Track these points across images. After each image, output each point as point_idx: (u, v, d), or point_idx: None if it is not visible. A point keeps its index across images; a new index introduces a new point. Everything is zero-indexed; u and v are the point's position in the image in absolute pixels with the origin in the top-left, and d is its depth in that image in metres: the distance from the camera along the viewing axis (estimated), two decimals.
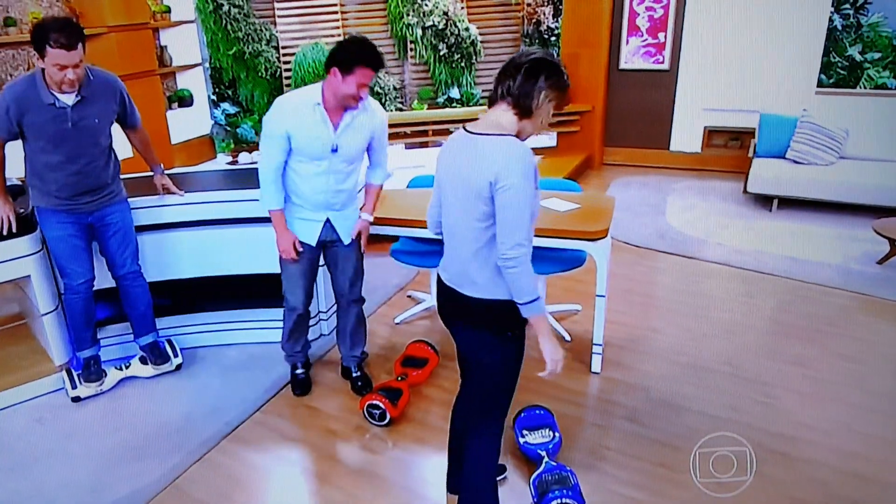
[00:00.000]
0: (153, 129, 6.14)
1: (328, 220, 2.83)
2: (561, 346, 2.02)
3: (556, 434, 2.67)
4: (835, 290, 4.05)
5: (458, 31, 7.21)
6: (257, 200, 2.86)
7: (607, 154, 7.10)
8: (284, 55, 7.11)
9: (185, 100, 6.69)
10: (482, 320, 1.99)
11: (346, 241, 2.90)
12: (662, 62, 6.63)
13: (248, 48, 6.92)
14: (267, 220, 2.89)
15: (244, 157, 6.67)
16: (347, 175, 2.78)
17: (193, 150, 6.75)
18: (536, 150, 6.94)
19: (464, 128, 1.96)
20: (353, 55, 2.46)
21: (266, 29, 7.01)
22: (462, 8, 7.27)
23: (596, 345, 3.24)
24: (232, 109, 7.03)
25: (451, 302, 2.06)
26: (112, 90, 2.91)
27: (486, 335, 2.00)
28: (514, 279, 1.84)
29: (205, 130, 6.91)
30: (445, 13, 7.12)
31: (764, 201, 5.50)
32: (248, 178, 3.63)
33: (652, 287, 4.26)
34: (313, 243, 2.86)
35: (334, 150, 2.66)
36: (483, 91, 7.42)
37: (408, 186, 3.92)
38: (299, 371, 3.23)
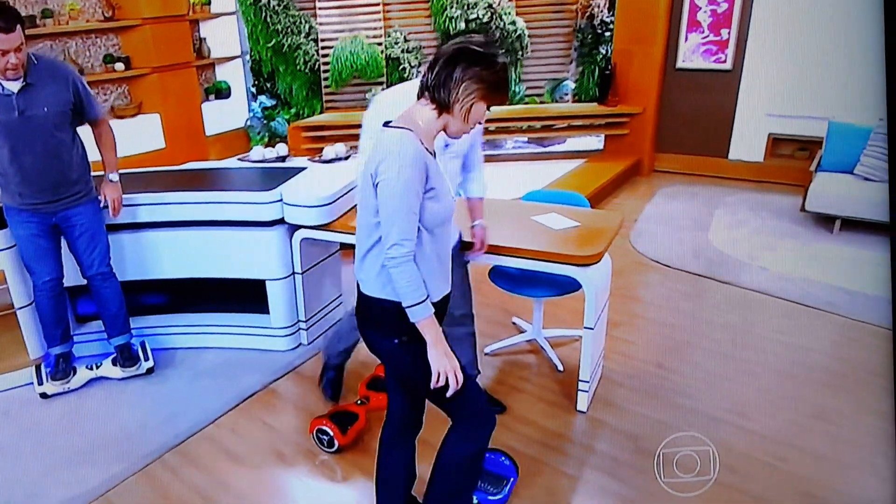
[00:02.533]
0: (188, 122, 6.27)
1: None
2: (454, 358, 1.80)
3: (505, 491, 2.42)
4: (887, 333, 3.57)
5: (504, 24, 6.95)
6: (253, 203, 3.03)
7: (658, 161, 6.66)
8: (323, 48, 7.07)
9: (222, 92, 6.75)
10: (373, 321, 1.90)
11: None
12: (724, 61, 6.14)
13: (286, 41, 6.91)
14: (254, 223, 3.02)
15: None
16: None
17: (228, 143, 6.81)
18: (580, 154, 6.72)
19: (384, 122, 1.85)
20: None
21: (306, 21, 6.98)
22: (510, 1, 7.00)
23: (582, 381, 2.96)
24: (269, 102, 7.05)
25: (358, 300, 1.95)
26: (62, 76, 2.82)
27: (377, 336, 1.91)
28: (395, 279, 1.73)
29: (240, 123, 6.96)
30: (490, 6, 6.88)
31: (825, 222, 4.97)
32: (249, 179, 3.58)
33: (669, 315, 3.88)
34: None
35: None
36: (527, 89, 7.15)
37: None
38: (331, 374, 3.09)
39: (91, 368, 3.26)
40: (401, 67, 7.15)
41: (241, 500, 2.57)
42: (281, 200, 3.22)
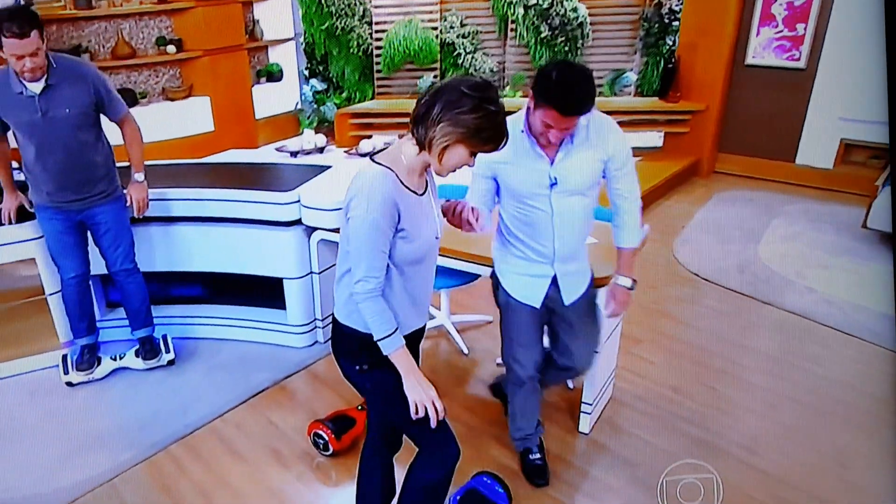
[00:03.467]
0: (237, 105, 6.52)
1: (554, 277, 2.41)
2: (430, 387, 1.86)
3: None
4: None
5: (565, 10, 6.86)
6: (272, 203, 3.13)
7: (720, 161, 6.46)
8: (377, 32, 7.16)
9: (273, 75, 6.97)
10: (339, 345, 1.99)
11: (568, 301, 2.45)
12: (798, 59, 5.88)
13: (340, 23, 7.04)
14: (273, 223, 3.17)
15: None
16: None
17: (278, 126, 7.04)
18: (637, 151, 6.59)
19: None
20: (543, 88, 2.04)
21: (360, 3, 7.09)
22: None
23: (585, 403, 2.98)
24: (320, 86, 7.22)
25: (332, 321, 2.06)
26: (83, 77, 2.92)
27: (342, 361, 2.00)
28: (363, 312, 1.81)
29: (291, 107, 7.16)
30: None
31: (886, 241, 4.73)
32: (272, 177, 3.73)
33: (698, 335, 3.82)
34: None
35: (553, 185, 2.24)
36: None
37: None
38: (535, 456, 2.77)
39: (115, 359, 3.49)
40: (455, 53, 7.18)
41: (236, 497, 2.74)
42: (299, 202, 3.35)
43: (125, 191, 3.22)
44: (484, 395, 3.27)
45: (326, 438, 2.84)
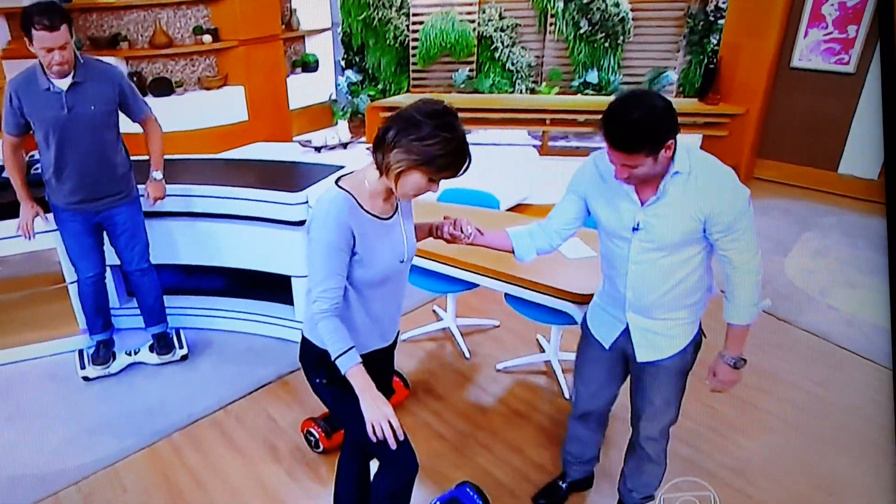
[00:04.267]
0: (271, 95, 6.72)
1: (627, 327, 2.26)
2: (386, 405, 1.86)
3: None
4: None
5: (606, 6, 6.84)
6: (280, 203, 3.28)
7: (759, 167, 6.37)
8: (414, 23, 7.27)
9: (309, 65, 7.15)
10: (302, 357, 2.12)
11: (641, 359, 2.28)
12: (847, 63, 5.74)
13: (377, 14, 7.17)
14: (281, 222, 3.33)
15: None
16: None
17: (311, 117, 7.23)
18: None
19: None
20: (602, 115, 1.89)
21: None
22: None
23: None
24: (355, 78, 7.37)
25: None
26: (108, 76, 3.08)
27: (306, 373, 2.13)
28: (320, 331, 1.89)
29: (325, 97, 7.34)
30: None
31: None
32: (285, 175, 3.90)
33: (705, 351, 3.82)
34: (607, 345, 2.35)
35: (636, 230, 2.06)
36: (626, 77, 7.01)
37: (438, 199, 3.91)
38: (564, 483, 2.82)
39: (130, 354, 3.67)
40: (493, 47, 7.24)
41: (228, 487, 2.93)
42: (306, 203, 3.50)
43: (143, 186, 3.40)
44: (478, 401, 3.38)
45: (317, 436, 3.00)
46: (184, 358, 3.72)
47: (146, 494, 2.87)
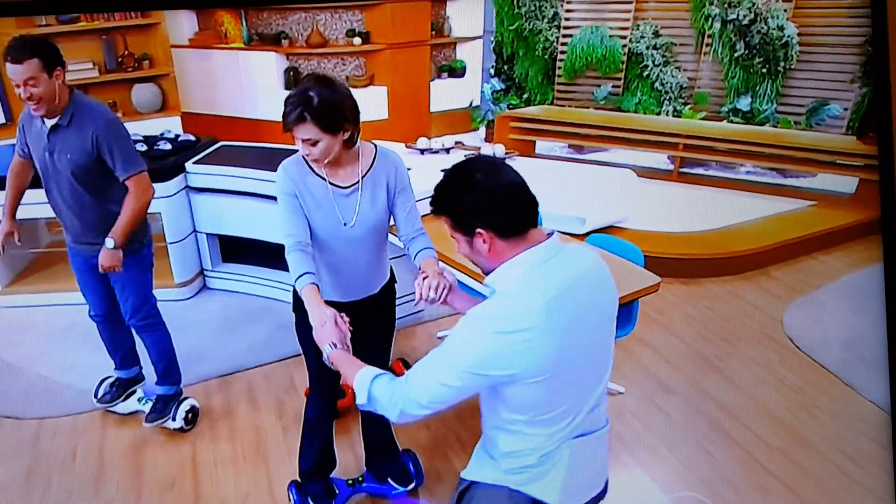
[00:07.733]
0: (412, 97, 7.38)
1: None
2: (329, 308, 2.11)
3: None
4: None
5: (768, 28, 6.61)
6: None
7: None
8: (565, 36, 7.53)
9: (455, 70, 7.70)
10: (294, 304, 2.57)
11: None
12: None
13: (528, 24, 7.54)
14: None
15: (422, 142, 6.62)
16: None
17: (453, 121, 7.78)
18: (821, 194, 6.13)
19: None
20: None
21: (552, 6, 7.50)
22: (786, 0, 6.60)
23: None
24: (499, 86, 7.79)
25: None
26: (88, 126, 2.78)
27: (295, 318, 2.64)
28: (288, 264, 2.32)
29: (466, 103, 7.84)
30: (754, 4, 6.58)
31: None
32: None
33: (747, 401, 3.75)
34: None
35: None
36: (781, 106, 6.71)
37: None
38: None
39: (141, 401, 3.56)
40: (642, 65, 7.28)
41: (231, 431, 3.52)
42: None
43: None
44: (472, 401, 3.65)
45: None
46: (180, 430, 3.47)
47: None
